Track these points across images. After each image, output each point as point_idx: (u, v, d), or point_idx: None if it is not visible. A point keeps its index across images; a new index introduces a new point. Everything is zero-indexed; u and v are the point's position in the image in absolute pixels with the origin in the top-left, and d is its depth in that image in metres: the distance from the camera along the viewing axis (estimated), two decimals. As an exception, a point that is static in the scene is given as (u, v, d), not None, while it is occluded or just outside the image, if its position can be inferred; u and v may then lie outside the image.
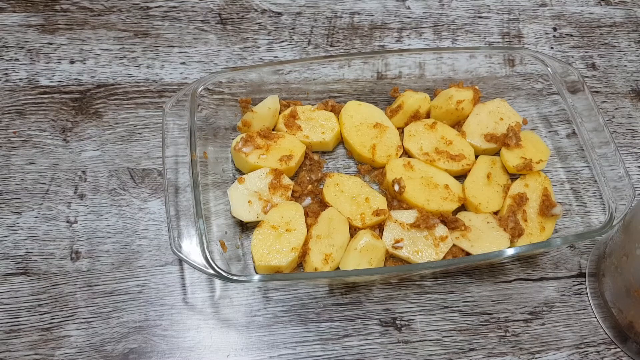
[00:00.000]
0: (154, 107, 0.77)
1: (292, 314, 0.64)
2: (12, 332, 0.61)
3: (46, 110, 0.76)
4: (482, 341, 0.63)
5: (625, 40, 0.90)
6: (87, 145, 0.74)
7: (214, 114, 0.72)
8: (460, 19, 0.90)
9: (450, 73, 0.78)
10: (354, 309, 0.64)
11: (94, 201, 0.69)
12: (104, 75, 0.80)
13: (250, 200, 0.66)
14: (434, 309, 0.65)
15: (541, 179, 0.70)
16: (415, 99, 0.74)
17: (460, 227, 0.66)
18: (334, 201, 0.68)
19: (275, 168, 0.68)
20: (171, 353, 0.61)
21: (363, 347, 0.62)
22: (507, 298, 0.66)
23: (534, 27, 0.91)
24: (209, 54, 0.83)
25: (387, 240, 0.65)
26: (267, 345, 0.62)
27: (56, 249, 0.66)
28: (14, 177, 0.71)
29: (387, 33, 0.88)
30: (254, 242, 0.63)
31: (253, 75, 0.72)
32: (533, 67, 0.76)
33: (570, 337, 0.64)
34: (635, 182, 0.76)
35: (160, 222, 0.69)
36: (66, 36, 0.83)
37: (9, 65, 0.80)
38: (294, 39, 0.86)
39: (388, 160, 0.72)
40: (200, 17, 0.87)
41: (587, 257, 0.69)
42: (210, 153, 0.70)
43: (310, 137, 0.72)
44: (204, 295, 0.64)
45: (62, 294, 0.63)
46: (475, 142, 0.74)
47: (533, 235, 0.67)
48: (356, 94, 0.78)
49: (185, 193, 0.65)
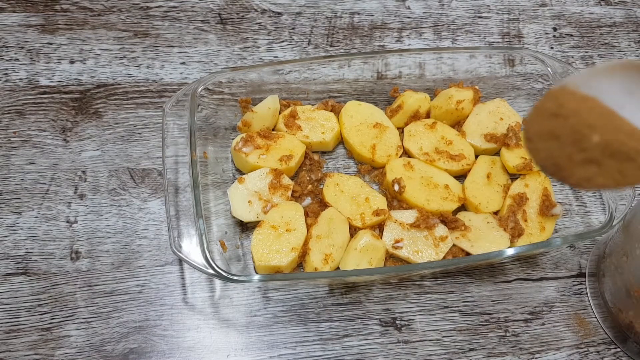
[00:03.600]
0: (154, 107, 0.77)
1: (292, 314, 0.64)
2: (12, 332, 0.61)
3: (46, 110, 0.76)
4: (482, 341, 0.63)
5: (625, 40, 0.90)
6: (87, 145, 0.74)
7: (214, 114, 0.72)
8: (460, 19, 0.90)
9: (450, 73, 0.78)
10: (354, 309, 0.64)
11: (94, 201, 0.69)
12: (104, 75, 0.80)
13: (250, 200, 0.66)
14: (434, 309, 0.65)
15: (541, 179, 0.70)
16: (415, 99, 0.74)
17: (460, 227, 0.66)
18: (334, 201, 0.68)
19: (275, 168, 0.68)
20: (171, 353, 0.61)
21: (363, 347, 0.62)
22: (507, 298, 0.66)
23: (534, 27, 0.91)
24: (209, 54, 0.83)
25: (387, 240, 0.65)
26: (267, 345, 0.62)
27: (56, 249, 0.66)
28: (14, 177, 0.71)
29: (387, 33, 0.88)
30: (254, 242, 0.63)
31: (253, 75, 0.72)
32: (533, 67, 0.76)
33: (570, 337, 0.64)
34: (635, 182, 0.75)
35: (160, 222, 0.69)
36: (66, 36, 0.83)
37: (9, 65, 0.80)
38: (294, 39, 0.86)
39: (388, 160, 0.72)
40: (200, 17, 0.87)
41: (587, 257, 0.69)
42: (210, 153, 0.70)
43: (310, 137, 0.72)
44: (204, 295, 0.64)
45: (62, 294, 0.63)
46: (475, 142, 0.74)
47: (533, 235, 0.67)
48: (356, 94, 0.78)
49: (185, 193, 0.65)
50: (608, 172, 0.41)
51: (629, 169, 0.40)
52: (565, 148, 0.41)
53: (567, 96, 0.42)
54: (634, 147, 0.40)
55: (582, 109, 0.41)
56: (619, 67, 0.42)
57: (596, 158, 0.40)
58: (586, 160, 0.41)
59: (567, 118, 0.41)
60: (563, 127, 0.41)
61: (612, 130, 0.40)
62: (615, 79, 0.42)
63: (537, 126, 0.43)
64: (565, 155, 0.41)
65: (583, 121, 0.41)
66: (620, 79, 0.42)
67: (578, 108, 0.41)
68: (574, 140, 0.41)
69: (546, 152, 0.42)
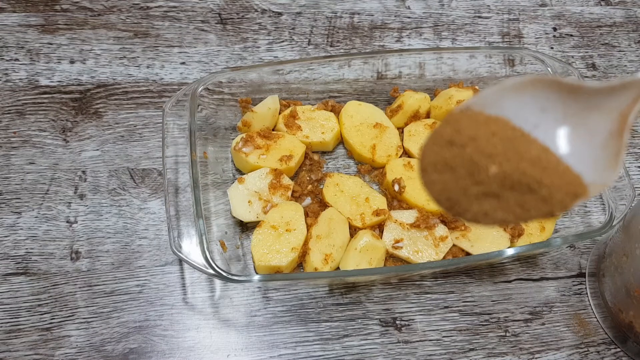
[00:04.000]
0: (154, 107, 0.77)
1: (292, 314, 0.64)
2: (12, 332, 0.61)
3: (46, 110, 0.76)
4: (482, 341, 0.63)
5: (625, 40, 0.90)
6: (87, 145, 0.74)
7: (214, 114, 0.72)
8: (460, 19, 0.90)
9: (450, 73, 0.77)
10: (354, 309, 0.64)
11: (94, 201, 0.69)
12: (104, 75, 0.80)
13: (250, 200, 0.66)
14: (434, 309, 0.65)
15: (541, 179, 0.70)
16: (415, 99, 0.74)
17: (460, 227, 0.66)
18: (334, 201, 0.67)
19: (275, 168, 0.68)
20: (171, 353, 0.61)
21: (363, 347, 0.62)
22: (507, 298, 0.66)
23: (534, 27, 0.91)
24: (209, 54, 0.83)
25: (387, 240, 0.65)
26: (267, 345, 0.62)
27: (56, 249, 0.66)
28: (14, 177, 0.71)
29: (387, 33, 0.88)
30: (254, 242, 0.63)
31: (253, 75, 0.72)
32: (533, 67, 0.76)
33: (570, 337, 0.64)
34: (635, 182, 0.76)
35: (160, 222, 0.69)
36: (66, 36, 0.83)
37: (9, 65, 0.80)
38: (294, 39, 0.86)
39: (388, 160, 0.72)
40: (200, 17, 0.87)
41: (587, 257, 0.69)
42: (210, 153, 0.70)
43: (310, 137, 0.72)
44: (204, 295, 0.64)
45: (62, 294, 0.63)
46: (475, 142, 0.74)
47: (533, 235, 0.67)
48: (356, 94, 0.78)
49: (185, 193, 0.65)
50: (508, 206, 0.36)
51: (530, 201, 0.36)
52: (460, 181, 0.37)
53: (467, 120, 0.38)
54: (535, 178, 0.36)
55: (481, 135, 0.37)
56: (529, 84, 0.38)
57: (494, 191, 0.36)
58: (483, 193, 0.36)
59: (464, 147, 0.37)
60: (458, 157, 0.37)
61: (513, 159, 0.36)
62: (527, 96, 0.38)
63: (432, 156, 0.38)
64: (460, 188, 0.37)
65: (481, 150, 0.36)
66: (532, 96, 0.38)
67: (476, 134, 0.37)
68: (470, 172, 0.36)
69: (440, 186, 0.38)
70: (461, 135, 0.37)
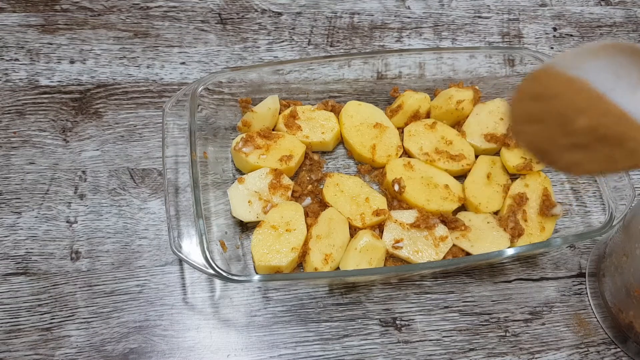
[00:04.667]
0: (154, 107, 0.77)
1: (292, 314, 0.64)
2: (12, 332, 0.61)
3: (46, 110, 0.76)
4: (482, 341, 0.63)
5: (625, 40, 0.90)
6: (87, 145, 0.74)
7: (214, 114, 0.72)
8: (460, 19, 0.90)
9: (450, 73, 0.77)
10: (354, 309, 0.64)
11: (94, 201, 0.69)
12: (104, 75, 0.80)
13: (250, 200, 0.66)
14: (434, 309, 0.65)
15: (541, 179, 0.70)
16: (415, 99, 0.74)
17: (460, 227, 0.66)
18: (334, 201, 0.68)
19: (275, 168, 0.68)
20: (171, 353, 0.61)
21: (363, 347, 0.62)
22: (507, 298, 0.66)
23: (534, 27, 0.91)
24: (209, 54, 0.83)
25: (387, 240, 0.65)
26: (267, 345, 0.62)
27: (56, 249, 0.66)
28: (14, 177, 0.71)
29: (387, 33, 0.88)
30: (254, 242, 0.63)
31: (253, 75, 0.72)
32: (533, 67, 0.76)
33: (570, 337, 0.64)
34: (635, 182, 0.76)
35: (160, 222, 0.69)
36: (66, 36, 0.83)
37: (9, 65, 0.80)
38: (294, 39, 0.86)
39: (388, 160, 0.72)
40: (200, 17, 0.87)
41: (587, 257, 0.69)
42: (210, 153, 0.70)
43: (310, 137, 0.72)
44: (204, 295, 0.64)
45: (62, 294, 0.63)
46: (475, 142, 0.74)
47: (533, 235, 0.67)
48: (356, 94, 0.78)
49: (185, 193, 0.65)
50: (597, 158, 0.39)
51: (618, 154, 0.38)
52: (550, 132, 0.40)
53: (551, 78, 0.40)
54: (623, 132, 0.38)
55: (568, 92, 0.39)
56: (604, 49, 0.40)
57: (584, 143, 0.39)
58: (573, 145, 0.39)
59: (551, 101, 0.39)
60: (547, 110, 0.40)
61: (601, 114, 0.38)
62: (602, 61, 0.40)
63: (521, 109, 0.41)
64: (550, 139, 0.40)
65: (569, 104, 0.39)
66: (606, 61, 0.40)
67: (563, 90, 0.39)
68: (559, 124, 0.39)
69: (530, 136, 0.41)
70: (548, 90, 0.40)
